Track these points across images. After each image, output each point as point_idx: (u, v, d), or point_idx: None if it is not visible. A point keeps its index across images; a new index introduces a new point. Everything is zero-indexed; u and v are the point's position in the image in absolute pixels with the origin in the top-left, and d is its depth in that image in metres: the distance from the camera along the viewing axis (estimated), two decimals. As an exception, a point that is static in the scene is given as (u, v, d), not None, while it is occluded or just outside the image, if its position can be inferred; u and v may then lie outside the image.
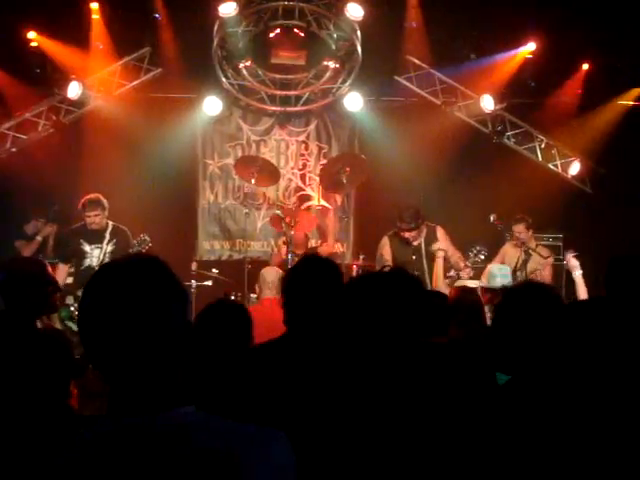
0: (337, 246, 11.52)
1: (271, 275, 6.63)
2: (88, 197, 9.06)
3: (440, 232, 8.75)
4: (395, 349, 2.69)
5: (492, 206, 9.85)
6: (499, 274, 7.65)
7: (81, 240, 9.04)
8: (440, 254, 8.49)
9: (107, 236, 9.02)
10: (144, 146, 10.90)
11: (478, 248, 8.47)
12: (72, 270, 9.08)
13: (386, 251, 8.58)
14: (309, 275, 3.49)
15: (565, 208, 10.91)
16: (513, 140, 11.90)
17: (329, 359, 2.98)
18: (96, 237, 9.02)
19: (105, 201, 9.04)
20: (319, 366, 3.02)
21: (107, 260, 8.53)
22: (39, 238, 10.74)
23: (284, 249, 9.55)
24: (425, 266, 8.51)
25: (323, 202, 11.73)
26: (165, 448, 1.79)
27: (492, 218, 9.35)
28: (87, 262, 8.98)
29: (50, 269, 4.59)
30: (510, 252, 9.93)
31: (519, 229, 9.57)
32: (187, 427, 1.83)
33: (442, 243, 8.54)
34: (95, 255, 8.95)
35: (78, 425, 1.89)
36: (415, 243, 8.53)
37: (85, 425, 1.90)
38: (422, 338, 2.79)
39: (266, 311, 6.01)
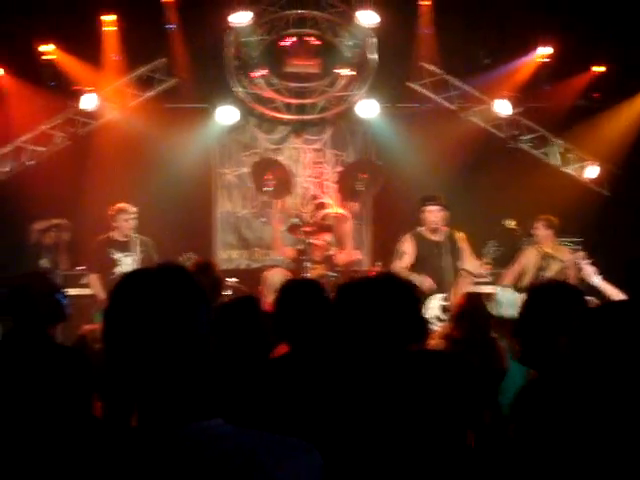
0: (355, 253, 11.01)
1: (276, 278, 6.70)
2: (120, 205, 9.21)
3: (460, 235, 8.51)
4: (386, 358, 2.68)
5: (510, 211, 9.76)
6: (505, 302, 7.23)
7: (110, 249, 9.10)
8: (465, 276, 8.25)
9: (138, 244, 9.11)
10: (158, 156, 10.91)
11: (492, 243, 8.12)
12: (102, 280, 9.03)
13: (407, 247, 8.31)
14: (294, 307, 3.52)
15: (583, 212, 10.72)
16: (529, 144, 11.81)
17: (329, 373, 2.98)
18: (124, 246, 9.10)
19: (135, 209, 9.16)
20: (320, 381, 3.01)
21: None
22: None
23: (290, 251, 9.59)
24: (448, 262, 8.20)
25: (340, 210, 11.15)
26: (195, 460, 1.76)
27: (507, 223, 9.24)
28: (119, 270, 8.99)
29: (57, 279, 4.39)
30: (530, 255, 9.58)
31: (537, 225, 9.35)
32: (217, 439, 1.81)
33: (469, 263, 8.28)
34: (127, 263, 9.00)
35: (106, 437, 1.82)
36: (437, 238, 8.25)
37: (113, 437, 1.88)
38: (414, 345, 2.79)
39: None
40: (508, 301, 7.09)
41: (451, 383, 2.75)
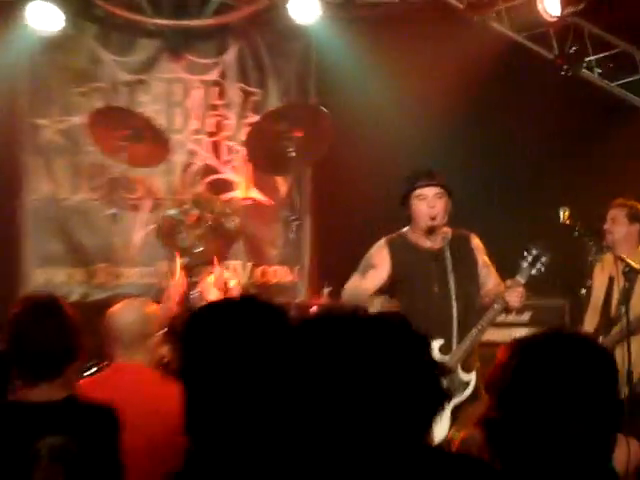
0: (280, 271, 8.99)
1: (127, 320, 4.81)
2: None
3: (475, 242, 6.41)
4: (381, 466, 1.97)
5: (562, 192, 7.80)
6: None
7: None
8: (499, 305, 6.02)
9: None
10: None
11: (535, 251, 6.07)
12: None
13: (379, 258, 6.35)
14: (232, 333, 2.45)
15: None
16: (599, 71, 8.86)
17: None
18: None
19: None
20: None
21: None
22: None
23: (182, 280, 7.64)
24: (452, 284, 6.16)
25: (255, 193, 8.83)
26: None
27: (563, 214, 7.10)
28: None
29: None
30: (600, 276, 7.48)
31: (614, 215, 7.42)
32: None
33: (489, 285, 6.26)
34: None
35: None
36: (433, 244, 6.28)
37: None
38: (422, 439, 2.06)
39: (121, 390, 4.27)
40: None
41: None
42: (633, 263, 7.01)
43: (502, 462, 2.29)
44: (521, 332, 6.34)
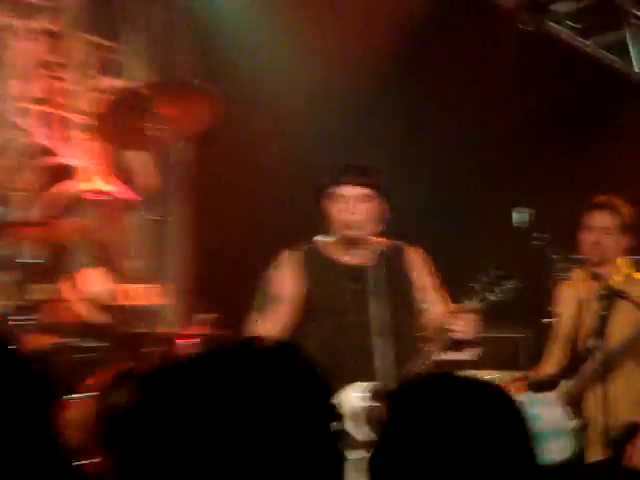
0: (143, 290, 7.19)
1: None
2: None
3: (412, 257, 5.48)
4: None
5: (519, 191, 6.93)
6: (545, 422, 5.56)
7: None
8: (440, 338, 5.33)
9: None
10: None
11: (495, 272, 5.14)
12: None
13: (292, 277, 5.39)
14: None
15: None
16: (570, 24, 7.35)
17: None
18: None
19: None
20: None
21: None
22: None
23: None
24: (373, 311, 5.38)
25: (109, 186, 7.19)
26: None
27: (518, 216, 6.40)
28: None
29: None
30: (567, 298, 6.26)
31: (601, 221, 6.14)
32: None
33: (433, 308, 5.47)
34: None
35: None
36: (357, 259, 5.46)
37: None
38: None
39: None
40: (552, 421, 5.72)
41: None
42: (616, 283, 6.03)
43: None
44: (467, 373, 5.29)
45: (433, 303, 5.41)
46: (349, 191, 5.26)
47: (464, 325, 5.04)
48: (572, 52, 7.23)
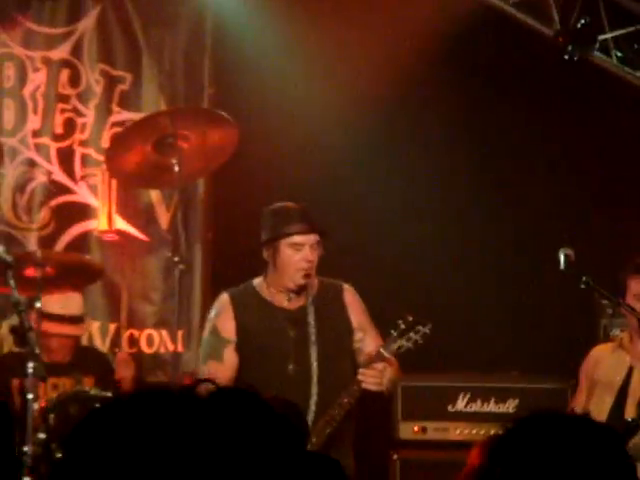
0: (157, 337, 6.96)
1: None
2: None
3: (349, 296, 5.63)
4: None
5: (550, 214, 6.75)
6: None
7: None
8: (351, 389, 5.40)
9: None
10: None
11: (410, 318, 5.31)
12: None
13: (225, 320, 5.48)
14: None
15: None
16: (618, 54, 6.97)
17: None
18: None
19: None
20: None
21: None
22: None
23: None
24: (314, 360, 5.48)
25: (121, 224, 6.92)
26: None
27: (565, 256, 5.61)
28: None
29: None
30: (608, 360, 5.89)
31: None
32: None
33: (364, 371, 5.39)
34: None
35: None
36: (292, 303, 5.58)
37: None
38: None
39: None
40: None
41: None
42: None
43: None
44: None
45: (367, 342, 5.43)
46: (307, 239, 5.36)
47: (371, 375, 5.07)
48: (619, 81, 6.76)
